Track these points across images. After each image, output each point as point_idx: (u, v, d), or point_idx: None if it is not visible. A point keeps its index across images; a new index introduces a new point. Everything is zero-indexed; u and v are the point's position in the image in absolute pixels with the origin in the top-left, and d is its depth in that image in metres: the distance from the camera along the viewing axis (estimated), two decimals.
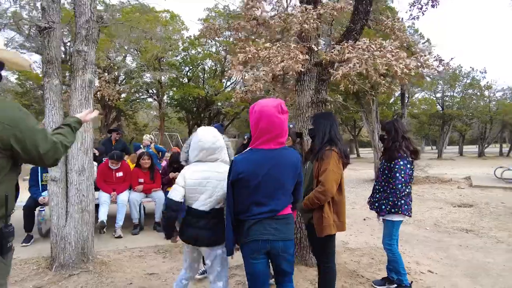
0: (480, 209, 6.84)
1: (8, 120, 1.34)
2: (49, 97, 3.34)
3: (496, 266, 3.73)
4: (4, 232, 1.38)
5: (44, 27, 3.29)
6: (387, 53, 2.16)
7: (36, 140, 1.40)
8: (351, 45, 2.56)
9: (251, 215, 1.84)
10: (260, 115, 1.77)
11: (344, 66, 2.38)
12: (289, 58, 2.37)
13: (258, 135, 1.80)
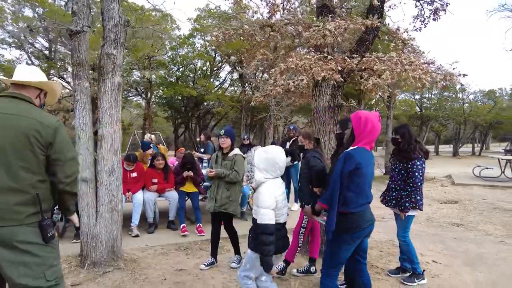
0: (464, 205, 7.38)
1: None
2: (79, 98, 3.41)
3: (490, 255, 4.14)
4: (42, 225, 1.68)
5: (76, 31, 3.35)
6: (417, 68, 2.44)
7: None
8: (376, 57, 2.83)
9: (360, 205, 2.11)
10: (366, 122, 2.06)
11: (374, 77, 2.64)
12: (329, 69, 2.61)
13: (363, 137, 2.08)
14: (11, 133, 1.63)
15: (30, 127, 1.65)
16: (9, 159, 1.62)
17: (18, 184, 1.63)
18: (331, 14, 3.83)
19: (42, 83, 1.86)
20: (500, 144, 44.28)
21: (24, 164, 1.65)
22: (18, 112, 1.67)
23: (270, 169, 2.32)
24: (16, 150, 1.63)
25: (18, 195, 1.63)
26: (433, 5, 4.13)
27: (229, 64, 18.53)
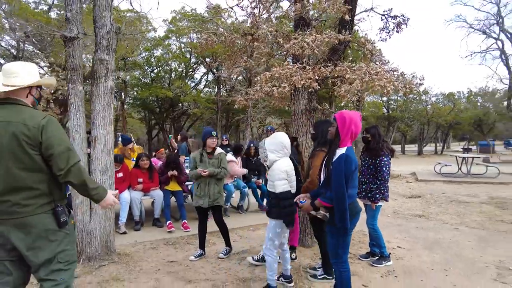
0: (426, 199, 8.11)
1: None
2: (74, 102, 3.57)
3: (445, 240, 4.72)
4: (56, 211, 1.88)
5: (71, 37, 3.52)
6: (382, 77, 2.88)
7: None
8: (348, 67, 3.26)
9: (354, 195, 2.48)
10: (350, 121, 2.36)
11: (346, 84, 3.06)
12: (307, 78, 2.99)
13: (348, 135, 2.38)
14: (7, 140, 1.77)
15: (18, 131, 1.78)
16: (8, 163, 1.78)
17: (20, 183, 1.81)
18: (307, 25, 4.25)
19: (33, 83, 1.92)
20: (459, 143, 47.46)
21: (21, 165, 1.80)
22: (8, 119, 1.80)
23: (279, 150, 2.86)
24: (12, 153, 1.78)
25: (23, 192, 1.81)
26: (396, 20, 4.66)
27: (204, 66, 18.70)
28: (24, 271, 1.92)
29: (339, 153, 2.36)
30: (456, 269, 3.63)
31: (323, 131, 3.15)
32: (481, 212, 6.50)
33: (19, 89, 1.88)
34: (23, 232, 1.81)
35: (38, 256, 1.83)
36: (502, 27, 12.51)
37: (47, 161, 1.85)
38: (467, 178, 10.74)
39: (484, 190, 9.01)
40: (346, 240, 2.51)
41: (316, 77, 3.01)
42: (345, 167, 2.31)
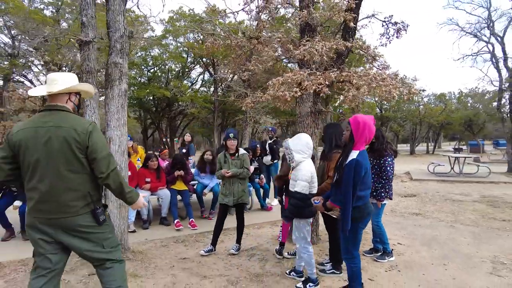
0: (422, 197, 8.38)
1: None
2: (89, 104, 3.68)
3: (442, 237, 4.95)
4: (95, 213, 2.08)
5: (86, 41, 3.62)
6: (388, 83, 3.06)
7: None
8: (354, 72, 3.44)
9: (366, 196, 2.63)
10: (364, 125, 2.48)
11: (353, 89, 3.24)
12: (318, 83, 3.16)
13: (362, 139, 2.50)
14: (58, 144, 1.94)
15: (69, 135, 1.95)
16: (58, 165, 1.95)
17: (69, 185, 1.98)
18: (312, 31, 4.42)
19: (68, 89, 2.09)
20: (450, 143, 48.31)
21: (70, 167, 1.97)
22: (58, 123, 1.97)
23: (305, 150, 3.03)
24: (63, 156, 1.95)
25: (71, 193, 1.99)
26: (396, 26, 4.85)
27: (200, 65, 18.76)
28: (64, 259, 2.15)
29: (351, 158, 2.48)
30: (454, 264, 3.85)
31: (334, 134, 3.33)
32: (474, 210, 6.77)
33: (59, 95, 2.08)
34: (66, 230, 2.00)
35: (85, 246, 2.06)
36: (492, 31, 12.89)
37: (90, 164, 2.03)
38: (460, 178, 11.07)
39: (476, 189, 9.33)
40: (356, 238, 2.68)
41: (326, 82, 3.18)
42: (355, 172, 2.43)
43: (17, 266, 3.60)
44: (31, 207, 1.99)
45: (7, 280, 3.27)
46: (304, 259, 3.12)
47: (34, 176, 1.95)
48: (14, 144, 1.96)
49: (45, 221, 1.97)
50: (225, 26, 12.29)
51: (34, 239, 2.02)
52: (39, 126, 1.97)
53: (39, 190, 1.95)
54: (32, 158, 1.94)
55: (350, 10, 3.93)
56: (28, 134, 1.95)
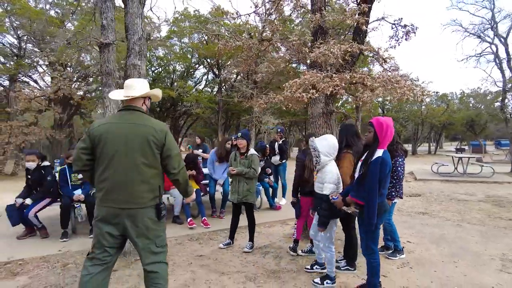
0: (427, 197, 8.47)
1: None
2: (109, 105, 3.77)
3: (449, 236, 5.04)
4: (159, 207, 2.24)
5: (106, 43, 3.72)
6: (403, 85, 3.15)
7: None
8: (367, 74, 3.53)
9: (385, 195, 2.74)
10: (387, 127, 2.63)
11: (367, 91, 3.33)
12: (335, 85, 3.26)
13: (386, 139, 2.65)
14: (138, 139, 2.16)
15: (149, 133, 2.18)
16: (137, 159, 2.14)
17: (142, 177, 2.16)
18: (324, 33, 4.52)
19: (146, 93, 2.38)
20: (451, 143, 48.34)
21: (146, 161, 2.17)
22: (139, 122, 2.22)
23: (331, 152, 3.09)
24: (140, 151, 2.15)
25: (143, 185, 2.16)
26: (405, 28, 4.95)
27: (204, 66, 18.86)
28: (118, 254, 2.31)
29: (377, 155, 2.61)
30: (464, 261, 3.94)
31: (346, 135, 3.42)
32: (480, 209, 6.86)
33: (136, 98, 2.35)
34: (133, 221, 2.15)
35: (143, 242, 2.19)
36: (496, 32, 12.98)
37: (163, 160, 2.24)
38: (463, 178, 11.16)
39: (480, 189, 9.42)
40: (375, 234, 2.78)
41: (342, 84, 3.28)
42: (380, 169, 2.57)
43: (39, 263, 3.70)
44: (102, 197, 2.13)
45: (31, 276, 3.37)
46: (328, 258, 3.21)
47: (110, 167, 2.12)
48: (95, 137, 2.14)
49: (116, 211, 2.11)
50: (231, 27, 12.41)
51: (101, 232, 2.14)
52: (120, 122, 2.20)
53: (114, 180, 2.11)
54: (112, 150, 2.11)
55: (363, 14, 4.02)
56: (110, 128, 2.16)
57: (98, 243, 2.17)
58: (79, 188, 4.74)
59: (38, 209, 4.49)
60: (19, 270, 3.50)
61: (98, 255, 2.17)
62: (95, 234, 2.19)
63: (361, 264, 3.74)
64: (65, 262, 3.69)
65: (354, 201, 2.73)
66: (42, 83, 17.81)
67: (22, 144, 13.55)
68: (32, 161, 4.63)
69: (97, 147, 2.15)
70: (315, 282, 3.21)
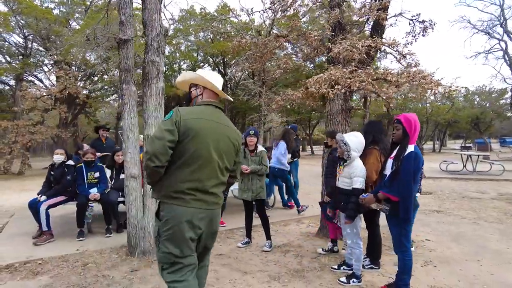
0: (438, 195, 8.40)
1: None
2: (128, 102, 3.72)
3: (467, 234, 4.97)
4: (224, 206, 2.28)
5: (125, 39, 3.66)
6: (430, 81, 3.09)
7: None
8: (390, 72, 3.47)
9: (416, 190, 2.70)
10: (416, 123, 2.66)
11: (392, 87, 3.27)
12: (361, 81, 3.20)
13: (415, 135, 2.66)
14: (227, 141, 2.04)
15: (233, 136, 2.08)
16: (222, 159, 2.02)
17: (223, 178, 2.07)
18: (342, 29, 4.45)
19: (222, 93, 2.17)
20: (455, 141, 48.12)
21: (228, 165, 2.08)
22: (226, 123, 2.08)
23: (360, 148, 3.12)
24: (226, 153, 2.04)
25: (221, 187, 2.08)
26: (423, 24, 4.87)
27: (209, 64, 18.80)
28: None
29: (409, 150, 2.59)
30: (487, 260, 3.87)
31: (372, 132, 3.37)
32: (495, 207, 6.79)
33: (217, 95, 2.15)
34: (214, 223, 2.06)
35: (212, 243, 2.15)
36: (506, 29, 12.85)
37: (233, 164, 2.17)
38: (473, 175, 11.08)
39: (491, 187, 9.34)
40: (408, 230, 2.73)
41: (369, 79, 3.22)
42: (414, 163, 2.54)
43: (59, 262, 3.66)
44: (187, 198, 1.88)
45: (52, 275, 3.33)
46: (356, 254, 3.16)
47: (200, 168, 1.91)
48: (187, 130, 1.87)
49: (202, 212, 1.93)
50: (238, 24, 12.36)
51: (184, 237, 1.88)
52: (212, 120, 1.98)
53: (200, 180, 1.91)
54: (205, 150, 1.91)
55: (384, 9, 3.95)
56: (202, 124, 1.91)
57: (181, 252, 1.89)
58: (95, 187, 4.70)
59: (51, 204, 4.41)
60: (39, 270, 3.46)
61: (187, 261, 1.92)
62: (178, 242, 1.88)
63: (384, 263, 3.71)
64: (85, 262, 3.65)
65: (388, 196, 2.68)
66: (48, 82, 17.83)
67: (29, 143, 13.55)
68: (60, 154, 4.64)
69: (187, 142, 1.87)
70: (341, 281, 3.16)
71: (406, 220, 2.63)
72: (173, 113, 1.89)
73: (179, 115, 1.87)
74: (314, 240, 4.55)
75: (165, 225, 1.87)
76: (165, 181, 1.90)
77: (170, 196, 1.88)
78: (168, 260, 1.89)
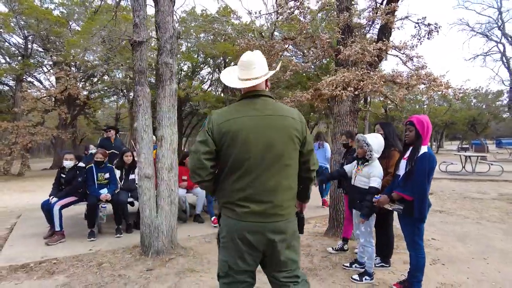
0: (439, 195, 8.50)
1: None
2: (142, 103, 3.77)
3: (472, 233, 5.06)
4: (301, 217, 1.89)
5: (139, 41, 3.71)
6: (440, 84, 3.18)
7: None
8: (400, 74, 3.56)
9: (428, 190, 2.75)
10: (428, 125, 2.74)
11: (402, 89, 3.35)
12: (373, 83, 3.28)
13: (428, 137, 2.74)
14: (280, 134, 1.68)
15: (290, 125, 1.70)
16: (280, 159, 1.68)
17: (287, 181, 1.72)
18: (350, 32, 4.53)
19: (268, 74, 1.80)
20: (452, 142, 48.51)
21: (290, 162, 1.72)
22: (273, 111, 1.71)
23: (380, 150, 3.19)
24: (284, 149, 1.68)
25: (287, 192, 1.72)
26: (429, 27, 4.97)
27: (209, 65, 18.86)
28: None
29: (423, 151, 2.66)
30: (494, 258, 3.96)
31: (391, 133, 3.46)
32: (496, 207, 6.90)
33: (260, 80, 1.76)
34: (279, 237, 1.69)
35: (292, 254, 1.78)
36: (503, 31, 13.07)
37: (302, 157, 1.79)
38: (472, 176, 11.22)
39: (491, 187, 9.47)
40: (421, 229, 2.81)
41: (381, 82, 3.30)
42: (429, 164, 2.62)
43: (73, 262, 3.69)
44: (239, 211, 1.67)
45: (68, 275, 3.37)
46: (369, 252, 3.23)
47: (247, 174, 1.65)
48: (223, 135, 1.65)
49: (255, 227, 1.66)
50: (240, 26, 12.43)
51: (237, 253, 1.69)
52: (254, 115, 1.68)
53: (256, 189, 1.65)
54: (249, 152, 1.64)
55: (392, 12, 4.04)
56: (243, 124, 1.65)
57: (236, 267, 1.71)
58: (105, 187, 4.73)
59: (63, 204, 4.44)
60: (55, 269, 3.49)
61: (243, 278, 1.74)
62: (232, 257, 1.71)
63: (393, 261, 3.78)
64: (99, 261, 3.68)
65: (403, 196, 2.76)
66: (47, 83, 17.78)
67: (29, 145, 13.52)
68: (70, 160, 4.68)
69: (226, 148, 1.66)
70: (353, 279, 3.23)
71: (421, 220, 2.71)
72: (206, 121, 1.71)
73: (211, 122, 1.69)
74: (322, 239, 4.61)
75: (221, 232, 1.76)
76: (218, 192, 1.77)
77: (224, 207, 1.75)
78: (223, 268, 1.75)
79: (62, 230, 4.36)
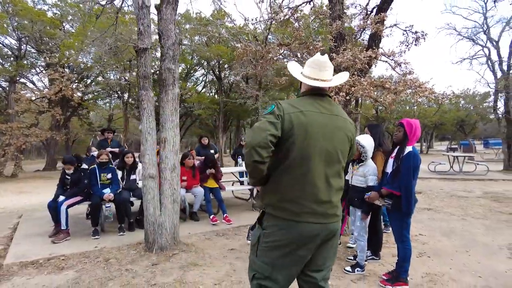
0: (428, 194, 8.85)
1: None
2: (146, 107, 3.96)
3: (457, 229, 5.37)
4: (345, 219, 2.13)
5: (143, 48, 3.91)
6: (426, 89, 3.46)
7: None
8: (388, 80, 3.83)
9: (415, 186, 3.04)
10: (416, 127, 3.00)
11: (390, 94, 3.63)
12: (364, 88, 3.54)
13: (414, 138, 2.99)
14: (341, 135, 1.67)
15: (347, 128, 1.71)
16: (339, 159, 1.66)
17: (342, 182, 1.71)
18: (342, 39, 4.80)
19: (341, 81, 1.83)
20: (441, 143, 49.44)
21: (343, 164, 1.71)
22: (338, 112, 1.71)
23: (372, 149, 3.45)
24: (341, 149, 1.67)
25: (340, 192, 1.72)
26: (416, 34, 5.27)
27: (204, 67, 19.03)
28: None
29: (408, 150, 2.93)
30: (475, 251, 4.26)
31: (378, 134, 3.72)
32: (481, 205, 7.25)
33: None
34: (330, 239, 1.68)
35: (333, 260, 1.81)
36: (488, 36, 13.57)
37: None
38: (460, 176, 11.63)
39: (477, 186, 9.87)
40: (408, 223, 3.07)
41: (371, 88, 3.57)
42: (413, 161, 2.89)
43: (81, 258, 3.86)
44: (296, 209, 1.58)
45: (78, 270, 3.54)
46: (361, 246, 3.49)
47: (309, 170, 1.59)
48: (290, 128, 1.57)
49: (315, 227, 1.60)
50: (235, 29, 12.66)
51: (293, 255, 1.61)
52: (323, 112, 1.65)
53: (314, 187, 1.59)
54: (315, 147, 1.59)
55: (381, 22, 4.31)
56: (312, 118, 1.61)
57: (282, 271, 1.62)
58: (107, 187, 4.90)
59: (70, 203, 4.60)
60: (63, 265, 3.66)
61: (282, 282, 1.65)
62: (283, 260, 1.61)
63: (383, 254, 4.05)
64: (106, 257, 3.86)
65: (391, 192, 3.01)
66: (40, 84, 17.73)
67: (23, 146, 13.50)
68: (69, 170, 4.90)
69: (292, 140, 1.57)
70: (346, 270, 3.48)
71: (408, 214, 2.97)
72: (274, 107, 1.62)
73: (281, 109, 1.60)
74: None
75: (268, 236, 1.63)
76: (268, 187, 1.65)
77: (275, 206, 1.63)
78: (264, 272, 1.64)
79: (67, 229, 4.52)
